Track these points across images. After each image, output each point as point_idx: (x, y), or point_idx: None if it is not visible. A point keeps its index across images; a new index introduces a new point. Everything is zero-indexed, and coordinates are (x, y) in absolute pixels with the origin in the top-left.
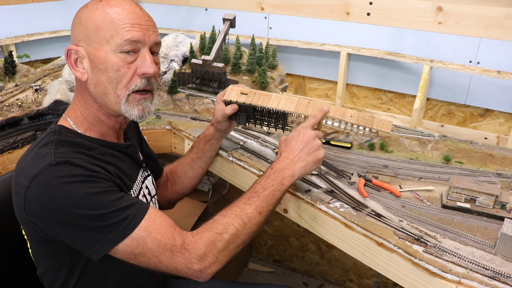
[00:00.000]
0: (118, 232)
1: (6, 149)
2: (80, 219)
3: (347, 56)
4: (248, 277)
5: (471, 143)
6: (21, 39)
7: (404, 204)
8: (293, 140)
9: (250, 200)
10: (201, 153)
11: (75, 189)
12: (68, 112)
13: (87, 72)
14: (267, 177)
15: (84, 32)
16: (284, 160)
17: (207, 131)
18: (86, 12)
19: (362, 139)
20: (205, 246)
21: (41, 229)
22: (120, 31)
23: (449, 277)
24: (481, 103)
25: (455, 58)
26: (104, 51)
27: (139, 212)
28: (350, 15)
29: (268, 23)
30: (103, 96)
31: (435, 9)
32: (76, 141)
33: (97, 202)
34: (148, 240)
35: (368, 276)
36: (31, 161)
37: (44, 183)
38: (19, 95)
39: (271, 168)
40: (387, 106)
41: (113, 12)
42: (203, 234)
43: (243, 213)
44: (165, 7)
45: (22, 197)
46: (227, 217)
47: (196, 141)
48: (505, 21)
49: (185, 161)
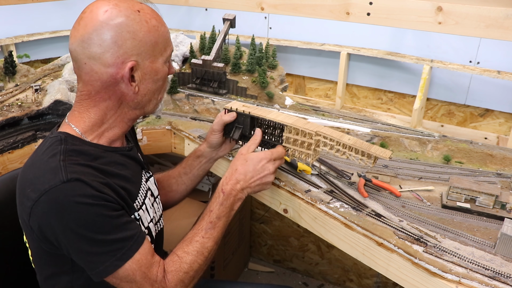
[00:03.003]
0: (112, 263)
1: (6, 149)
2: (82, 240)
3: (347, 56)
4: (248, 277)
5: (471, 143)
6: (21, 39)
7: (404, 204)
8: (251, 166)
9: (208, 233)
10: (188, 169)
11: (85, 211)
12: (73, 120)
13: (137, 85)
14: (220, 203)
15: (141, 47)
16: (236, 184)
17: (199, 146)
18: (138, 26)
19: (362, 139)
20: (176, 285)
21: (43, 241)
22: (169, 43)
23: (449, 277)
24: (481, 103)
25: (455, 58)
26: (159, 63)
27: (135, 243)
28: (350, 15)
29: (268, 23)
30: (147, 103)
31: (435, 9)
32: (83, 149)
33: (102, 227)
34: (137, 274)
35: (368, 276)
36: (40, 173)
37: (54, 200)
38: (19, 95)
39: (222, 192)
40: (387, 106)
41: (159, 24)
42: (173, 274)
43: (204, 249)
44: (165, 7)
45: (28, 209)
46: (191, 255)
47: (188, 156)
48: (505, 21)
49: (172, 174)
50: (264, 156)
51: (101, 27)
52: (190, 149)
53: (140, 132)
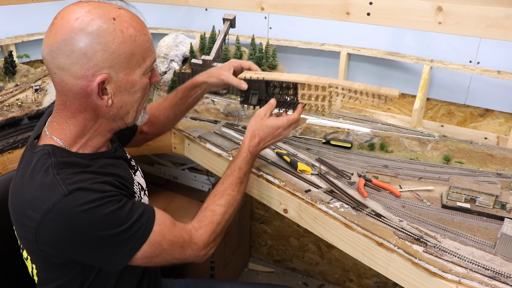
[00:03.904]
0: (136, 242)
1: (6, 149)
2: (102, 239)
3: (347, 56)
4: (248, 277)
5: (471, 143)
6: (21, 39)
7: (404, 204)
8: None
9: (238, 187)
10: (185, 99)
11: (95, 214)
12: (54, 132)
13: (111, 97)
14: (247, 162)
15: (113, 60)
16: (257, 146)
17: (198, 78)
18: (111, 37)
19: (362, 139)
20: (209, 237)
21: (55, 255)
22: (149, 53)
23: (449, 277)
24: (481, 103)
25: (455, 58)
26: (136, 75)
27: (149, 218)
28: (350, 15)
29: (268, 23)
30: (125, 115)
31: (435, 9)
32: (72, 161)
33: (116, 220)
34: (163, 243)
35: (368, 276)
36: (38, 193)
37: (61, 215)
38: (19, 95)
39: (250, 152)
40: (387, 106)
41: (137, 33)
42: (206, 227)
43: (234, 201)
44: (165, 7)
45: (33, 230)
46: (223, 207)
47: (181, 87)
48: (505, 21)
49: (168, 105)
50: (282, 124)
51: (70, 37)
52: (190, 149)
53: None
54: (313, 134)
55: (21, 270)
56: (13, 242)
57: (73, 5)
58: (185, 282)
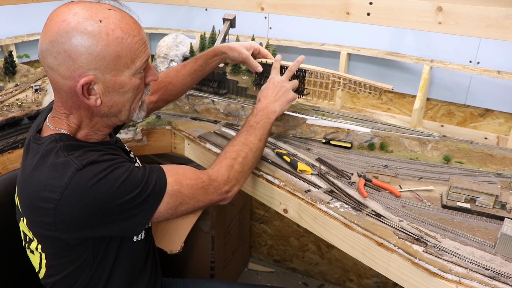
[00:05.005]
0: (156, 197)
1: (6, 149)
2: (124, 205)
3: (347, 56)
4: (248, 277)
5: (471, 143)
6: (21, 39)
7: (404, 204)
8: (268, 89)
9: (249, 131)
10: (204, 66)
11: (110, 181)
12: (57, 125)
13: (99, 97)
14: (255, 114)
15: (98, 62)
16: (263, 102)
17: (220, 48)
18: (95, 41)
19: (362, 139)
20: (227, 171)
21: (72, 236)
22: (139, 55)
23: (449, 277)
24: (481, 103)
25: (455, 58)
26: (125, 76)
27: (160, 173)
28: (350, 15)
29: (268, 23)
30: (117, 113)
31: (435, 9)
32: (79, 144)
33: (132, 183)
34: (183, 189)
35: (368, 276)
36: (52, 173)
37: (79, 189)
38: (19, 95)
39: (256, 108)
40: (387, 106)
41: (125, 35)
42: (221, 162)
43: (248, 141)
44: (165, 7)
45: (52, 211)
46: (236, 146)
47: (201, 54)
48: (505, 21)
49: (187, 72)
50: (279, 78)
51: (55, 39)
52: (190, 149)
53: (140, 132)
54: (313, 134)
55: (23, 268)
56: (13, 241)
57: (63, 6)
58: (183, 282)
